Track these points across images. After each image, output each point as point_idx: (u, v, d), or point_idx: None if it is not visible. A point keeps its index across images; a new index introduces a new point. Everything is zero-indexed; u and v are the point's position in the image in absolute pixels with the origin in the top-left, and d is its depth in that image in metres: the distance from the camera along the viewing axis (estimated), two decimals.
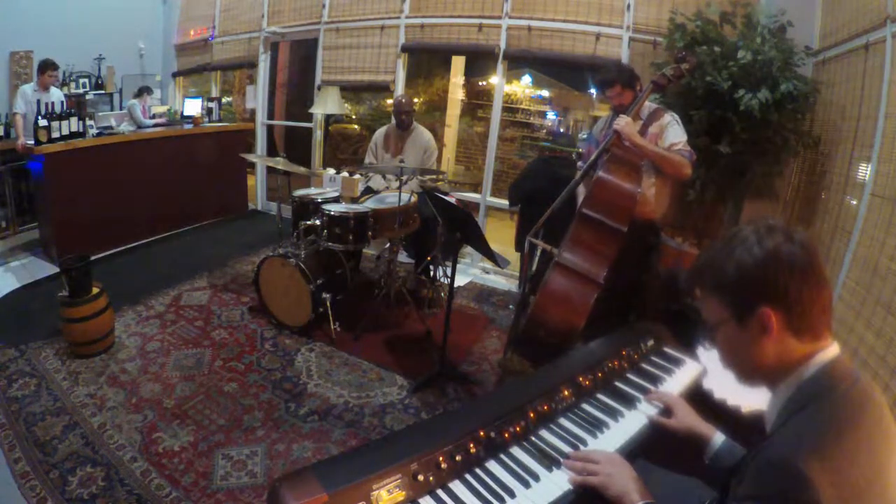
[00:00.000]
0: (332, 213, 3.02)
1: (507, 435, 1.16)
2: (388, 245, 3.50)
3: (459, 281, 4.01)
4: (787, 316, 0.82)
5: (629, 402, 1.36)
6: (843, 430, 0.75)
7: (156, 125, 5.09)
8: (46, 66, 4.25)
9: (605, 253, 2.20)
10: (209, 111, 5.55)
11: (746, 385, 0.92)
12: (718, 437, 1.16)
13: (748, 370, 0.90)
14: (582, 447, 1.18)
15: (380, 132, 3.95)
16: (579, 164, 2.83)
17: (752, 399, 1.37)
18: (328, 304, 3.08)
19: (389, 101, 5.75)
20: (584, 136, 3.16)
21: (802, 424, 0.78)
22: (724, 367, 0.93)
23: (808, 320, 0.83)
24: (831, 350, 0.84)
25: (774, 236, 0.83)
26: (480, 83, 7.20)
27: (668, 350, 1.62)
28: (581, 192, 2.60)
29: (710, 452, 1.15)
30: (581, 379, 1.37)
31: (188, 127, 5.21)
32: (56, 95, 4.39)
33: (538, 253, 2.61)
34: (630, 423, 1.29)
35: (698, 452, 1.17)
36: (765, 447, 0.80)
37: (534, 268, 2.60)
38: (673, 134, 2.43)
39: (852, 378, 0.82)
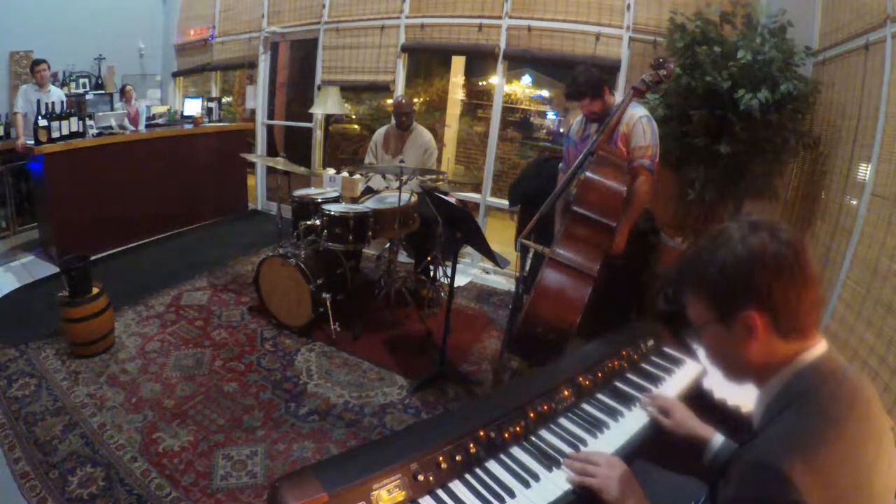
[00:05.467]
0: (332, 213, 3.02)
1: (507, 435, 1.16)
2: (388, 245, 3.50)
3: (459, 281, 4.01)
4: (772, 317, 0.80)
5: (629, 402, 1.36)
6: (829, 430, 0.74)
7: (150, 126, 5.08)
8: (34, 65, 4.28)
9: (597, 247, 2.23)
10: (209, 111, 5.55)
11: (734, 383, 0.92)
12: (718, 439, 1.16)
13: (734, 370, 0.90)
14: (582, 447, 1.18)
15: (380, 132, 3.95)
16: (561, 165, 2.84)
17: (752, 399, 1.37)
18: (328, 304, 3.08)
19: (389, 101, 5.75)
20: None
21: (787, 425, 0.77)
22: (712, 366, 0.93)
23: (795, 321, 0.80)
24: (818, 348, 0.82)
25: (759, 234, 0.80)
26: (480, 83, 7.20)
27: (668, 350, 1.62)
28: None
29: (710, 454, 1.15)
30: (581, 379, 1.37)
31: (188, 127, 5.20)
32: (56, 95, 4.40)
33: (530, 254, 2.61)
34: (630, 423, 1.29)
35: (697, 452, 1.17)
36: (749, 447, 0.79)
37: (526, 269, 2.62)
38: (640, 136, 2.43)
39: (840, 375, 0.80)
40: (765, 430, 0.81)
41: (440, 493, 1.02)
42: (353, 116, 7.57)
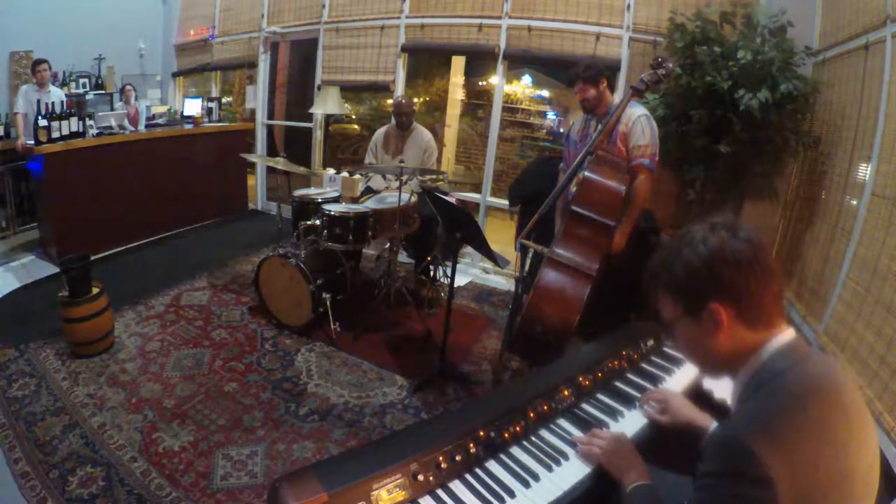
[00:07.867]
0: (332, 213, 3.02)
1: (507, 435, 1.16)
2: (388, 245, 3.50)
3: (459, 281, 4.01)
4: (737, 309, 0.85)
5: (629, 402, 1.36)
6: (794, 410, 0.77)
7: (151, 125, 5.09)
8: (35, 65, 4.28)
9: (596, 247, 2.23)
10: (209, 111, 5.55)
11: (710, 376, 0.98)
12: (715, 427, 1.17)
13: (707, 362, 0.95)
14: None
15: (380, 132, 3.95)
16: (561, 165, 2.84)
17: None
18: (328, 304, 3.08)
19: (389, 101, 5.75)
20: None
21: (755, 406, 0.82)
22: (687, 361, 0.97)
23: (759, 311, 0.86)
24: (785, 335, 0.87)
25: (718, 234, 0.87)
26: (480, 83, 7.21)
27: (668, 350, 1.62)
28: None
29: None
30: (581, 379, 1.37)
31: (188, 127, 5.20)
32: (56, 95, 4.39)
33: (530, 254, 2.61)
34: (630, 423, 1.29)
35: (697, 451, 1.17)
36: (720, 427, 0.84)
37: (526, 268, 2.62)
38: (639, 135, 2.43)
39: (808, 360, 0.84)
40: (735, 412, 0.87)
41: (440, 493, 1.02)
42: (353, 116, 7.58)
